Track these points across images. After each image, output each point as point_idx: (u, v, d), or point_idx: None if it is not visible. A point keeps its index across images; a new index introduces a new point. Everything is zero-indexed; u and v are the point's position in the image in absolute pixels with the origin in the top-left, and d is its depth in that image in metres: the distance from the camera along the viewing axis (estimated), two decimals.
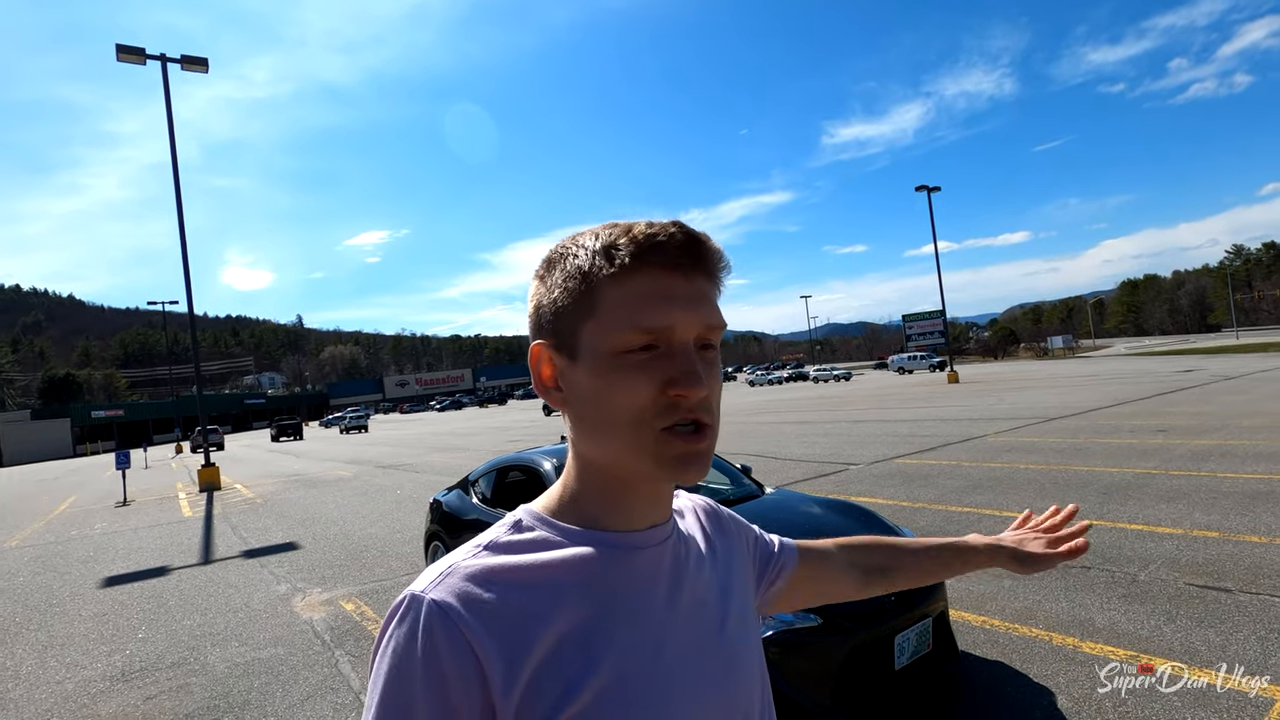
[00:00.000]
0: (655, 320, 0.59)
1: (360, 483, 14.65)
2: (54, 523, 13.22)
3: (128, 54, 16.20)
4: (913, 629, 3.00)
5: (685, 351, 0.61)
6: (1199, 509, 6.06)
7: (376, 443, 29.15)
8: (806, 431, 16.17)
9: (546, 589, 0.60)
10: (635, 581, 0.64)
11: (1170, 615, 3.89)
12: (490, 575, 0.60)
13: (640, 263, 0.60)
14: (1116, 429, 11.70)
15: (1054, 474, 8.23)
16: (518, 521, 0.66)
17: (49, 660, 5.03)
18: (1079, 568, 4.82)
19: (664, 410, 0.60)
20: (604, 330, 0.61)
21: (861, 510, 3.91)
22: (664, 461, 0.60)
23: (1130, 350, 68.60)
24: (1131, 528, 5.68)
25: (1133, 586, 4.38)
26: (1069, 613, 4.07)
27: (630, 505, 0.66)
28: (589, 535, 0.64)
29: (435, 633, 0.56)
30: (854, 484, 8.88)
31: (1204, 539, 5.21)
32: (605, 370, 0.61)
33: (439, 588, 0.58)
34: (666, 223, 0.62)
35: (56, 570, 8.37)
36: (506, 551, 0.62)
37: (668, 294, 0.60)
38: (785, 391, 43.87)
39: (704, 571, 0.72)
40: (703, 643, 0.66)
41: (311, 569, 7.08)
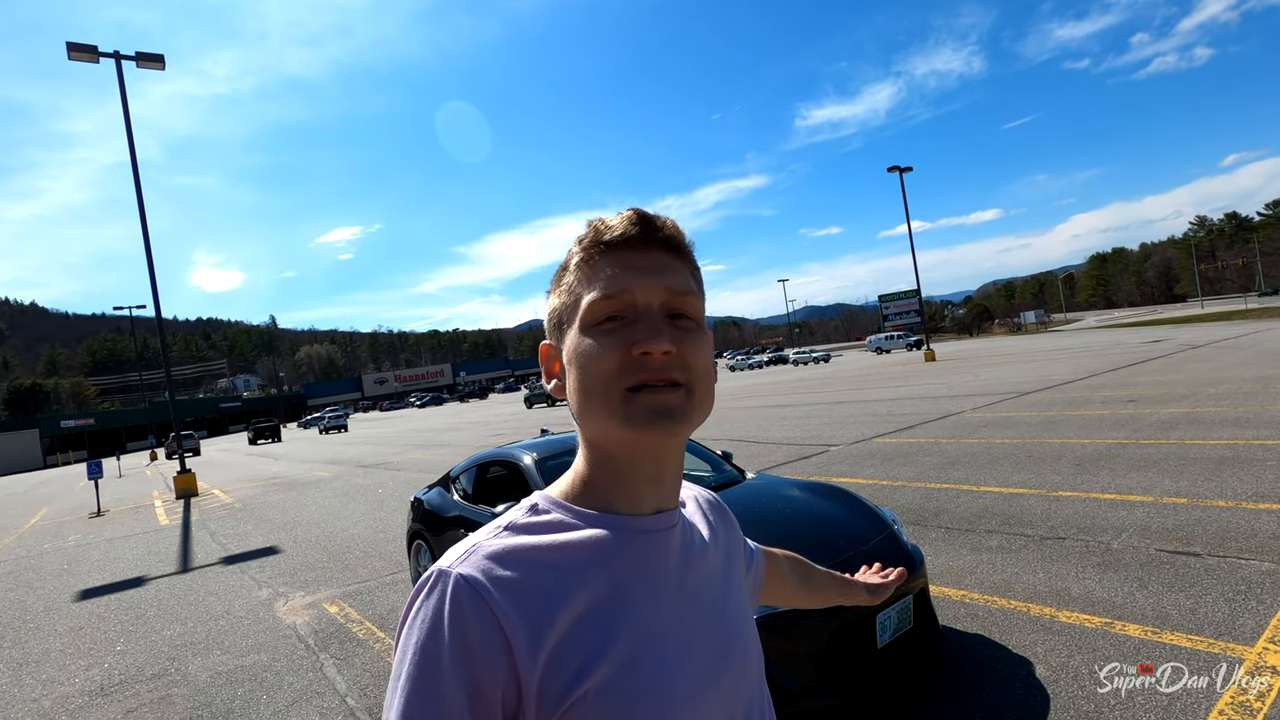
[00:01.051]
0: (612, 285, 0.66)
1: (341, 483, 14.49)
2: (25, 536, 12.92)
3: (79, 52, 15.67)
4: (893, 607, 3.04)
5: (648, 314, 0.65)
6: (1168, 476, 6.21)
7: (357, 442, 28.85)
8: (787, 415, 16.29)
9: (565, 568, 0.63)
10: (645, 563, 0.68)
11: (1142, 582, 3.99)
12: (513, 553, 0.63)
13: (602, 251, 0.67)
14: (1088, 400, 11.95)
15: (1029, 448, 8.38)
16: (534, 505, 0.70)
17: (24, 678, 4.92)
18: (1054, 539, 4.93)
19: (630, 370, 0.63)
20: (580, 312, 0.67)
21: (842, 491, 3.95)
22: (633, 418, 0.63)
23: (1100, 323, 70.02)
24: (1104, 497, 5.81)
25: (1106, 555, 4.48)
26: (1045, 583, 4.16)
27: (634, 486, 0.69)
28: (601, 518, 0.68)
29: (463, 604, 0.59)
30: (835, 465, 8.97)
31: (1173, 505, 5.35)
32: (578, 343, 0.66)
33: (465, 563, 0.62)
34: (625, 211, 0.69)
35: (29, 585, 8.19)
36: (526, 532, 0.66)
37: (624, 266, 0.66)
38: (765, 375, 44.14)
39: (707, 557, 0.76)
40: (707, 623, 0.71)
41: (293, 573, 6.99)
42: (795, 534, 3.43)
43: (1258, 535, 4.49)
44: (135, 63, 16.56)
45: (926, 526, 5.65)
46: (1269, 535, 4.46)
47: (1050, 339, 45.21)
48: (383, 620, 5.12)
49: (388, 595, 5.75)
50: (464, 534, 4.61)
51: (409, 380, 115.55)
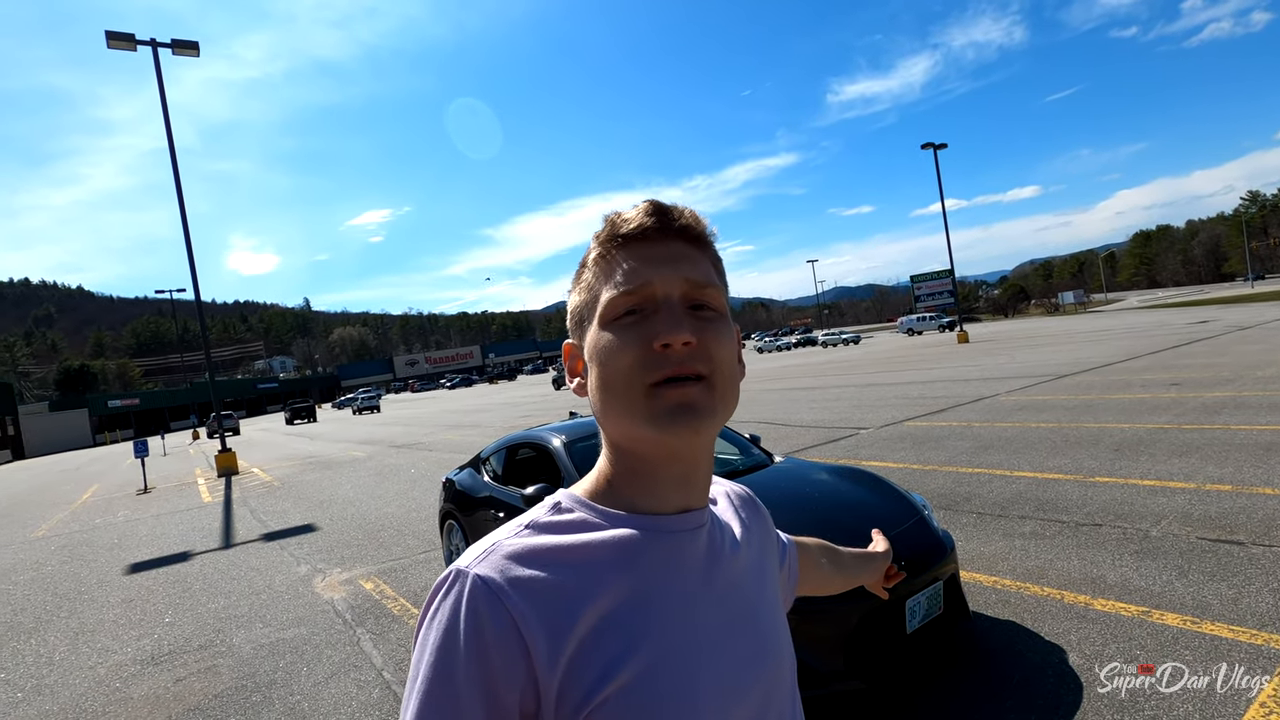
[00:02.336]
0: (631, 280, 0.64)
1: (375, 463, 14.82)
2: (78, 512, 13.49)
3: (118, 40, 16.00)
4: (923, 593, 3.02)
5: (669, 307, 0.63)
6: (1212, 462, 6.03)
7: (389, 422, 29.42)
8: (816, 397, 16.17)
9: (587, 568, 0.61)
10: (672, 564, 0.65)
11: (1182, 570, 3.90)
12: (533, 553, 0.61)
13: (619, 245, 0.66)
14: (1128, 384, 11.62)
15: (1065, 432, 8.20)
16: (557, 504, 0.68)
17: (81, 646, 5.17)
18: (1090, 525, 4.83)
19: (652, 365, 0.61)
20: (599, 307, 0.66)
21: (871, 475, 3.92)
22: (656, 416, 0.61)
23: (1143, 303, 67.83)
24: (1143, 483, 5.67)
25: (1144, 543, 4.39)
26: (1080, 570, 4.09)
27: (659, 486, 0.67)
28: (626, 518, 0.66)
29: (479, 607, 0.57)
30: (864, 448, 8.89)
31: (1216, 493, 5.20)
32: (598, 339, 0.65)
33: (483, 564, 0.60)
34: (641, 203, 0.68)
35: (83, 558, 8.56)
36: (548, 531, 0.64)
37: (642, 259, 0.65)
38: (794, 357, 43.78)
39: (739, 558, 0.73)
40: (736, 626, 0.68)
41: (330, 550, 7.20)
42: (823, 518, 3.42)
43: None
44: (171, 50, 16.85)
45: (958, 511, 5.58)
46: None
47: (1090, 320, 43.97)
48: (416, 597, 5.25)
49: (421, 573, 5.89)
50: (494, 514, 4.69)
51: (439, 362, 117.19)
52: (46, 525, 12.20)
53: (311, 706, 3.67)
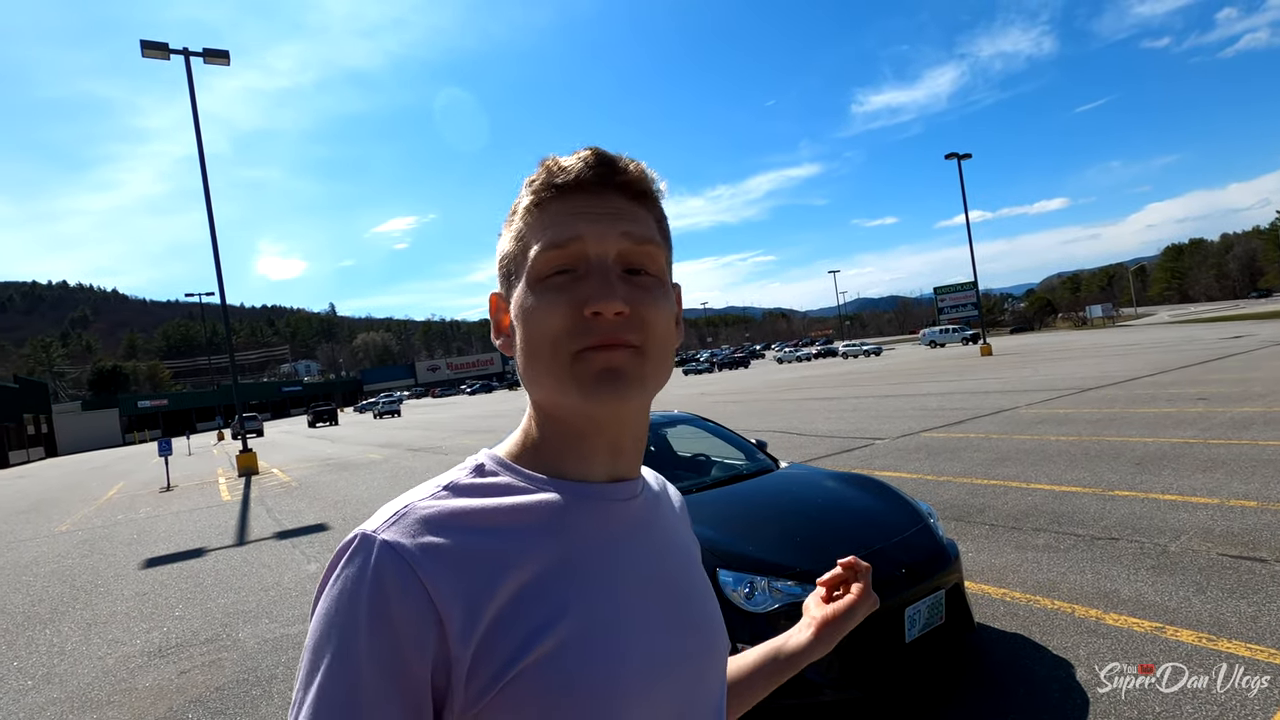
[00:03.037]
0: (561, 233, 0.59)
1: (391, 466, 14.94)
2: (103, 507, 13.77)
3: (152, 49, 16.46)
4: (923, 601, 2.95)
5: (601, 269, 0.59)
6: (1237, 478, 5.85)
7: (409, 427, 29.69)
8: (833, 407, 16.00)
9: (509, 533, 0.57)
10: (599, 533, 0.61)
11: (1200, 586, 3.77)
12: (450, 517, 0.56)
13: (553, 195, 0.60)
14: (1154, 398, 11.34)
15: (1086, 445, 8.01)
16: (480, 465, 0.63)
17: (93, 637, 5.25)
18: (1106, 539, 4.70)
19: (580, 331, 0.57)
20: (524, 256, 0.61)
21: (877, 482, 3.85)
22: (583, 382, 0.57)
23: (1174, 317, 66.32)
24: (1164, 498, 5.51)
25: (1162, 558, 4.25)
26: (1093, 584, 3.97)
27: (587, 453, 0.63)
28: (551, 483, 0.61)
29: (386, 576, 0.52)
30: (879, 458, 8.77)
31: (1241, 509, 5.03)
32: (524, 299, 0.60)
33: (393, 528, 0.55)
34: (582, 150, 0.62)
35: (103, 552, 8.72)
36: (468, 494, 0.59)
37: (576, 211, 0.60)
38: (813, 368, 43.45)
39: (670, 537, 0.70)
40: (666, 602, 0.64)
41: None
42: (824, 523, 3.36)
43: None
44: (203, 59, 17.30)
45: (970, 523, 5.47)
46: None
47: (1118, 334, 43.05)
48: None
49: None
50: None
51: (460, 368, 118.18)
52: (70, 520, 12.47)
53: None
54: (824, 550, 3.07)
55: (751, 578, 2.87)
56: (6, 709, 4.09)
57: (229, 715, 3.63)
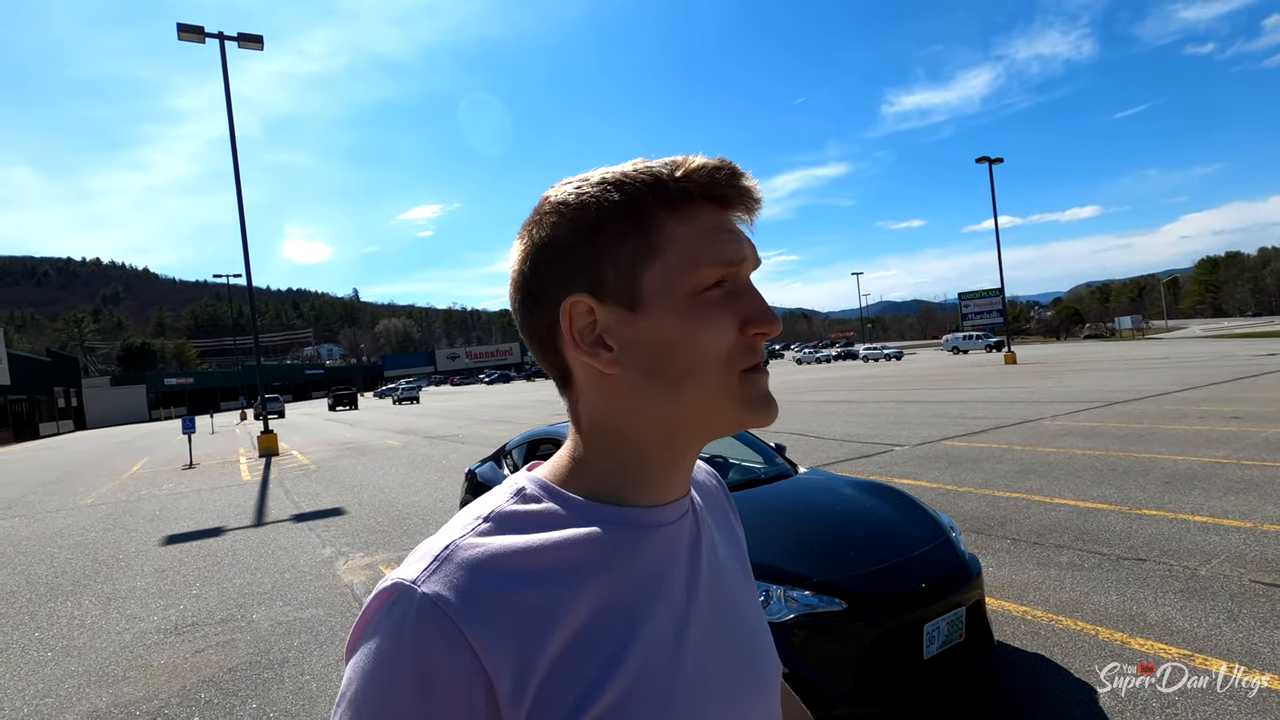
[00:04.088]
0: (730, 251, 0.55)
1: (409, 452, 15.06)
2: (127, 483, 14.04)
3: (188, 33, 16.69)
4: (943, 618, 2.88)
5: (752, 289, 0.58)
6: (1271, 502, 5.66)
7: (427, 414, 29.93)
8: (852, 411, 15.84)
9: (561, 575, 0.52)
10: (655, 563, 0.57)
11: (1232, 614, 3.65)
12: (495, 560, 0.51)
13: (701, 196, 0.56)
14: (1184, 414, 11.06)
15: (1112, 460, 7.83)
16: (521, 489, 0.58)
17: (111, 612, 5.33)
18: (1133, 560, 4.57)
19: (745, 351, 0.56)
20: (677, 269, 0.54)
21: (898, 492, 3.77)
22: (751, 403, 0.56)
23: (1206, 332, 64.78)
24: (1195, 519, 5.36)
25: (1192, 581, 4.13)
26: (1119, 606, 3.86)
27: (668, 476, 0.59)
28: (603, 510, 0.57)
29: (429, 635, 0.47)
30: (897, 466, 8.65)
31: (1275, 534, 4.87)
32: (685, 311, 0.54)
33: (434, 577, 0.50)
34: (713, 159, 0.56)
35: (125, 527, 8.88)
36: (512, 527, 0.54)
37: (730, 227, 0.57)
38: (833, 370, 43.09)
39: (720, 542, 0.66)
40: (726, 631, 0.61)
41: (356, 534, 7.31)
42: (843, 533, 3.30)
43: None
44: (237, 43, 17.50)
45: (991, 536, 5.36)
46: None
47: (1147, 346, 42.15)
48: None
49: None
50: None
51: (479, 357, 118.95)
52: (96, 494, 12.73)
53: (319, 688, 3.70)
54: (842, 560, 3.01)
55: (768, 586, 2.82)
56: (26, 679, 4.17)
57: (241, 697, 3.66)
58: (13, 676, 4.22)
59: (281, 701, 3.58)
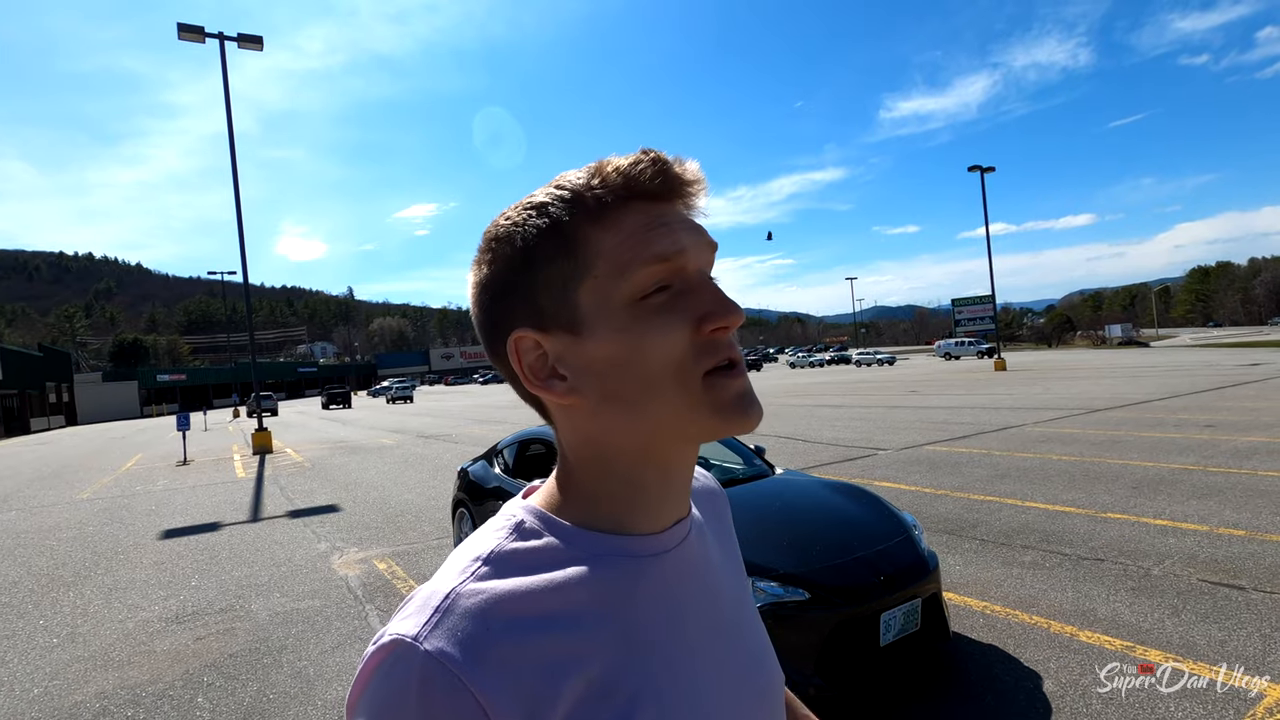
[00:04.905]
0: (664, 246, 0.50)
1: (402, 451, 15.23)
2: (121, 478, 14.17)
3: (188, 33, 16.83)
4: (900, 608, 3.11)
5: (704, 281, 0.53)
6: (1230, 507, 5.92)
7: (420, 413, 30.07)
8: (841, 415, 16.09)
9: (568, 619, 0.49)
10: (661, 595, 0.54)
11: (1176, 610, 3.89)
12: (500, 608, 0.48)
13: (623, 199, 0.51)
14: (1161, 422, 11.35)
15: (1086, 465, 8.09)
16: (519, 523, 0.54)
17: (114, 601, 5.51)
18: (1092, 560, 4.81)
19: (703, 351, 0.51)
20: (610, 281, 0.50)
21: (865, 492, 4.00)
22: (723, 408, 0.51)
23: (1195, 340, 65.45)
24: (1155, 523, 5.61)
25: (1144, 580, 4.37)
26: (1073, 602, 4.10)
27: (662, 497, 0.56)
28: (603, 541, 0.54)
29: (435, 697, 0.44)
30: (879, 469, 8.88)
31: (1229, 537, 5.12)
32: (626, 325, 0.50)
33: (436, 632, 0.46)
34: (634, 154, 0.53)
35: (122, 521, 9.05)
36: (513, 569, 0.51)
37: (665, 221, 0.51)
38: (826, 374, 43.40)
39: (720, 558, 0.64)
40: (730, 645, 0.59)
41: (350, 530, 7.50)
42: (811, 529, 3.52)
43: None
44: (237, 44, 17.66)
45: (962, 537, 5.59)
46: None
47: (1136, 355, 42.62)
48: (425, 578, 5.45)
49: (432, 558, 6.13)
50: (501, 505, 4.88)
51: (474, 357, 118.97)
52: (91, 488, 12.86)
53: (316, 672, 3.90)
54: (808, 554, 3.23)
55: None
56: (35, 663, 4.35)
57: (241, 680, 3.86)
58: (21, 661, 4.41)
59: (281, 684, 3.78)
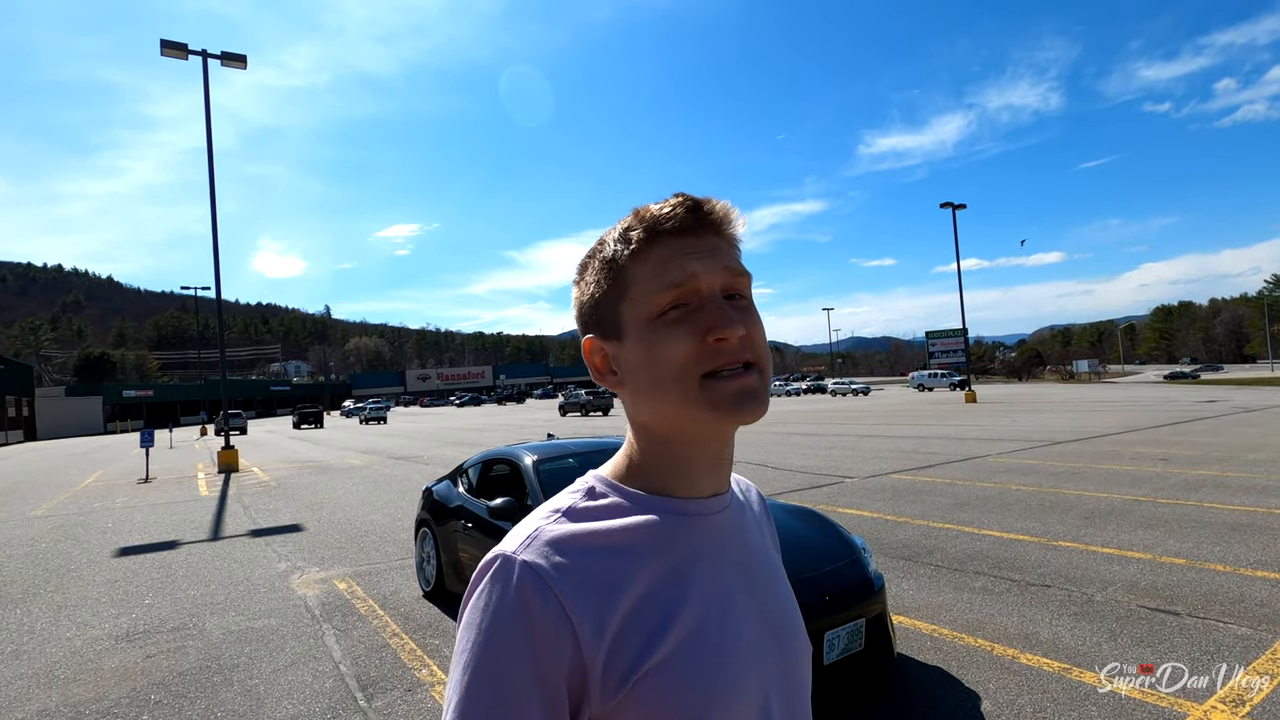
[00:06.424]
0: (676, 274, 0.66)
1: (371, 472, 15.06)
2: (79, 495, 13.81)
3: (171, 49, 16.87)
4: (843, 628, 3.20)
5: (713, 300, 0.66)
6: (1174, 536, 6.13)
7: (393, 434, 29.72)
8: (812, 444, 16.27)
9: (625, 552, 0.65)
10: (703, 545, 0.69)
11: (1113, 633, 4.03)
12: (575, 539, 0.64)
13: (653, 236, 0.67)
14: (1118, 455, 11.67)
15: (1042, 496, 8.30)
16: (590, 488, 0.71)
17: (62, 619, 5.39)
18: (1040, 586, 4.96)
19: (706, 358, 0.64)
20: (638, 303, 0.67)
21: (817, 515, 4.11)
22: (719, 404, 0.64)
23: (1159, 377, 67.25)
24: (1103, 551, 5.78)
25: (1086, 605, 4.51)
26: (1017, 626, 4.22)
27: (693, 471, 0.70)
28: (658, 501, 0.69)
29: (528, 591, 0.60)
30: (844, 496, 9.02)
31: (1170, 565, 5.31)
32: (646, 336, 0.66)
33: (529, 549, 0.63)
34: (671, 197, 0.70)
35: (77, 539, 8.83)
36: (585, 517, 0.67)
37: (682, 252, 0.67)
38: (801, 403, 43.78)
39: (757, 541, 0.78)
40: (751, 602, 0.71)
41: (312, 550, 7.42)
42: None
43: (1244, 601, 4.46)
44: (220, 62, 17.73)
45: (917, 563, 5.71)
46: (1256, 602, 4.43)
47: (1101, 390, 43.69)
48: (385, 600, 5.45)
49: (393, 578, 6.09)
50: (463, 524, 4.90)
51: (451, 379, 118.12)
52: (47, 505, 12.52)
53: (267, 690, 3.86)
54: None
55: None
56: None
57: (189, 698, 3.81)
58: None
59: (229, 702, 3.74)
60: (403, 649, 4.41)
